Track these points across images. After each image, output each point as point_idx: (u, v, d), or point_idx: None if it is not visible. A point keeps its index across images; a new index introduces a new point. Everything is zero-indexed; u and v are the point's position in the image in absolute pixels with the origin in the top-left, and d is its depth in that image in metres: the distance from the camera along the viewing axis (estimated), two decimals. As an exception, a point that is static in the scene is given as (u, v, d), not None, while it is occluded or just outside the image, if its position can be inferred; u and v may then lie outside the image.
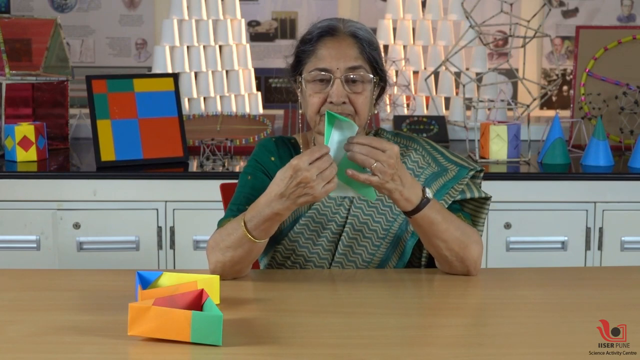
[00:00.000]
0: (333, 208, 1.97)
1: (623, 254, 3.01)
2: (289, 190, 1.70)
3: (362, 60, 1.93)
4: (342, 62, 1.90)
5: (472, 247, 1.87)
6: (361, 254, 1.97)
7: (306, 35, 1.97)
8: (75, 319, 1.60)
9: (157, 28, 3.90)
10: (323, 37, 1.94)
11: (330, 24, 1.96)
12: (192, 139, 3.31)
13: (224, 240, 1.82)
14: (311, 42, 1.95)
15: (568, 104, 3.94)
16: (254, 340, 1.51)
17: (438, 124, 3.59)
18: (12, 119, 3.35)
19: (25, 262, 2.93)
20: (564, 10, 4.03)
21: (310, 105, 1.92)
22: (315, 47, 1.94)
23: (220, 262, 1.83)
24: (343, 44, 1.93)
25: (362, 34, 1.95)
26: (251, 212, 1.78)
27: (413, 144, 2.04)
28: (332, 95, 1.89)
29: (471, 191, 1.98)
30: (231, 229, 1.82)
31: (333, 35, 1.94)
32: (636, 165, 3.09)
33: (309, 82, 1.92)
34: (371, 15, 3.94)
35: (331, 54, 1.91)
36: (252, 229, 1.77)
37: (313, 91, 1.92)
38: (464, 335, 1.59)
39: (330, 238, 1.97)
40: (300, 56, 1.97)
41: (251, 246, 1.80)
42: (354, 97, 1.90)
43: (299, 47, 1.98)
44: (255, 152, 2.05)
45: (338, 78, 1.89)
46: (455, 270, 1.90)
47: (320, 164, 1.68)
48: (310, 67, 1.93)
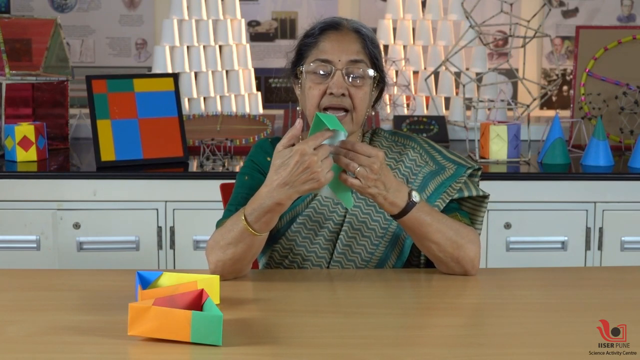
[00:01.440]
0: (330, 207, 1.97)
1: (623, 254, 3.01)
2: (293, 177, 1.69)
3: (364, 55, 1.94)
4: (344, 54, 1.91)
5: (467, 247, 1.87)
6: (360, 252, 1.97)
7: (309, 30, 1.99)
8: (75, 319, 1.60)
9: (157, 28, 3.90)
10: (326, 31, 1.96)
11: (334, 19, 1.99)
12: (192, 139, 3.31)
13: (224, 237, 1.81)
14: (314, 35, 1.96)
15: (568, 104, 3.94)
16: (254, 340, 1.51)
17: (438, 124, 3.59)
18: (12, 119, 3.35)
19: (25, 262, 2.93)
20: (564, 10, 4.03)
21: (310, 98, 1.93)
22: (317, 40, 1.95)
23: (220, 261, 1.82)
24: (346, 37, 1.94)
25: (365, 31, 1.97)
26: (251, 205, 1.77)
27: (411, 143, 2.05)
28: (332, 86, 1.90)
29: (469, 189, 1.99)
30: (231, 225, 1.81)
31: (337, 29, 1.96)
32: (636, 165, 3.09)
33: (310, 74, 1.93)
34: (371, 15, 3.94)
35: (334, 46, 1.93)
36: (253, 222, 1.76)
37: (313, 82, 1.92)
38: (464, 335, 1.59)
39: (328, 237, 1.97)
40: (302, 49, 1.98)
41: (252, 240, 1.79)
42: (353, 90, 1.91)
43: (302, 41, 1.99)
44: (252, 152, 2.05)
45: (339, 70, 1.90)
46: (452, 271, 1.90)
47: (323, 150, 1.69)
48: (311, 58, 1.94)
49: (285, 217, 1.97)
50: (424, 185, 1.98)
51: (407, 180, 1.99)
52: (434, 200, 1.95)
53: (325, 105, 1.91)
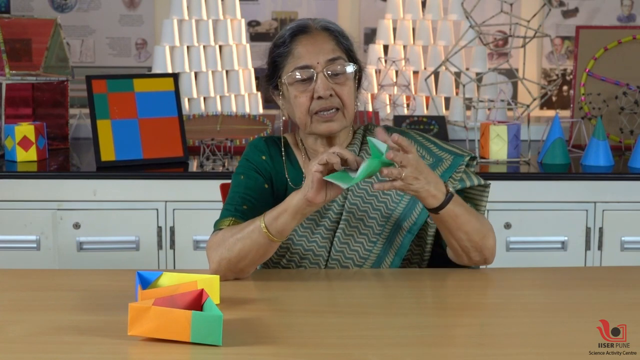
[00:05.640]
0: (326, 204, 1.97)
1: (623, 254, 3.01)
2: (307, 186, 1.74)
3: (340, 51, 1.95)
4: (321, 56, 1.92)
5: (489, 236, 1.90)
6: (358, 250, 1.97)
7: (278, 40, 1.98)
8: (75, 319, 1.60)
9: (157, 28, 3.90)
10: (296, 36, 1.96)
11: (300, 23, 1.99)
12: (192, 139, 3.31)
13: (234, 234, 1.82)
14: (285, 43, 1.96)
15: (568, 104, 3.94)
16: (254, 340, 1.51)
17: (438, 124, 3.59)
18: (12, 119, 3.35)
19: (25, 262, 2.93)
20: (564, 10, 4.03)
21: (299, 106, 1.93)
22: (290, 48, 1.95)
23: (225, 259, 1.82)
24: (318, 39, 1.95)
25: (333, 27, 1.98)
26: (274, 210, 1.80)
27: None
28: (319, 89, 1.91)
29: (470, 179, 2.00)
30: (245, 224, 1.83)
31: (306, 32, 1.96)
32: (636, 165, 3.09)
33: (292, 84, 1.93)
34: (371, 15, 3.94)
35: (309, 50, 1.93)
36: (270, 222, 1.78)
37: (298, 91, 1.93)
38: (464, 335, 1.59)
39: (325, 234, 1.97)
40: (276, 60, 1.98)
41: (263, 241, 1.79)
42: (339, 89, 1.92)
43: (274, 52, 1.99)
44: (246, 151, 2.06)
45: (320, 72, 1.91)
46: (472, 261, 1.92)
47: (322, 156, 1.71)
48: (289, 68, 1.94)
49: None
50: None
51: None
52: None
53: (315, 110, 1.92)
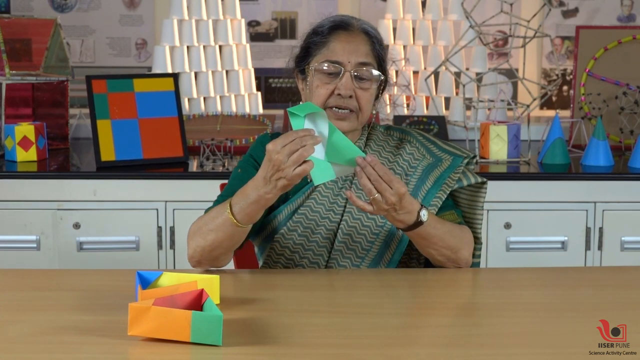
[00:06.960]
0: (327, 205, 1.97)
1: (623, 254, 3.01)
2: (269, 173, 1.72)
3: (372, 57, 1.97)
4: (354, 56, 1.93)
5: (464, 249, 1.94)
6: (355, 249, 1.97)
7: (318, 27, 2.00)
8: (75, 319, 1.60)
9: (157, 28, 3.90)
10: (336, 30, 1.97)
11: (343, 19, 2.00)
12: (192, 139, 3.31)
13: (207, 224, 1.85)
14: (323, 33, 1.97)
15: (568, 104, 3.94)
16: (254, 340, 1.51)
17: (438, 124, 3.59)
18: (12, 119, 3.35)
19: (25, 262, 2.93)
20: (564, 10, 4.03)
21: (317, 96, 1.94)
22: (327, 39, 1.96)
23: (200, 247, 1.85)
24: (356, 39, 1.96)
25: (373, 32, 2.00)
26: (238, 196, 1.80)
27: (407, 137, 2.07)
28: (341, 87, 1.92)
29: (467, 178, 2.02)
30: (216, 213, 1.85)
31: (346, 29, 1.97)
32: (636, 165, 3.09)
33: (318, 73, 1.94)
34: (371, 15, 3.94)
35: (344, 47, 1.94)
36: (237, 212, 1.79)
37: (321, 82, 1.94)
38: (464, 335, 1.58)
39: (325, 234, 1.97)
40: (310, 47, 1.99)
41: (233, 230, 1.81)
42: (360, 92, 1.94)
43: (310, 38, 2.00)
44: (252, 147, 2.07)
45: (348, 72, 1.92)
46: (447, 267, 1.96)
47: (291, 146, 1.69)
48: (320, 58, 1.96)
49: (285, 210, 1.98)
50: (422, 179, 1.99)
51: (405, 174, 2.00)
52: (434, 193, 1.97)
53: (331, 105, 1.94)
